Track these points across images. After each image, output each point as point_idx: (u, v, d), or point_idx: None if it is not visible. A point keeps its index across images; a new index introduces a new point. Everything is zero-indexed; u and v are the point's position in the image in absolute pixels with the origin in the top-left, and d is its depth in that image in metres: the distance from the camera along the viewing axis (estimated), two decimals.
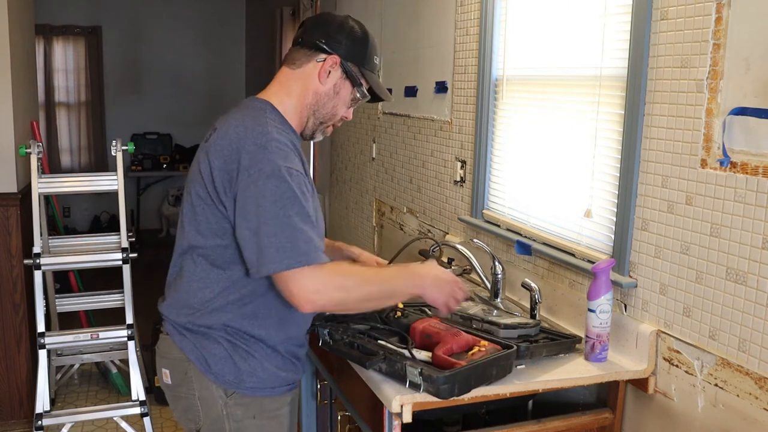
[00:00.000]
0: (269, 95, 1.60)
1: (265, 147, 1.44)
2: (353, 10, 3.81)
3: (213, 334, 1.56)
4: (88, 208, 7.01)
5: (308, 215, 1.43)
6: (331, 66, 1.58)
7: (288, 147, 1.48)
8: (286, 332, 1.61)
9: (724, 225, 1.53)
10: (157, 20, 7.02)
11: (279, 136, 1.48)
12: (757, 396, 1.47)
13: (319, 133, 1.64)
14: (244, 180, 1.43)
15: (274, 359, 1.60)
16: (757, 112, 1.43)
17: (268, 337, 1.58)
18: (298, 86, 1.59)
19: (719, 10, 1.51)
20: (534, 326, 1.78)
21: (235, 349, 1.56)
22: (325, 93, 1.59)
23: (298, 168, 1.46)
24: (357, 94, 1.61)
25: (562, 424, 1.78)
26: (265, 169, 1.42)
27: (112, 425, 3.25)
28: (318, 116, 1.61)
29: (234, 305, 1.55)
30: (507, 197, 2.40)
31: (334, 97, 1.60)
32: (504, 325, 1.72)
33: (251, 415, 1.59)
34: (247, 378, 1.57)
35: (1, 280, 3.20)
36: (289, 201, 1.41)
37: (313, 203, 1.51)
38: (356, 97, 1.62)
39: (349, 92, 1.61)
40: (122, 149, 3.14)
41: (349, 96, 1.62)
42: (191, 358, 1.57)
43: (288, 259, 1.39)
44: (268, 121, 1.51)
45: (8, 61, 3.13)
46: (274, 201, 1.40)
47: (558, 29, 2.10)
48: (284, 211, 1.40)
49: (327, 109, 1.61)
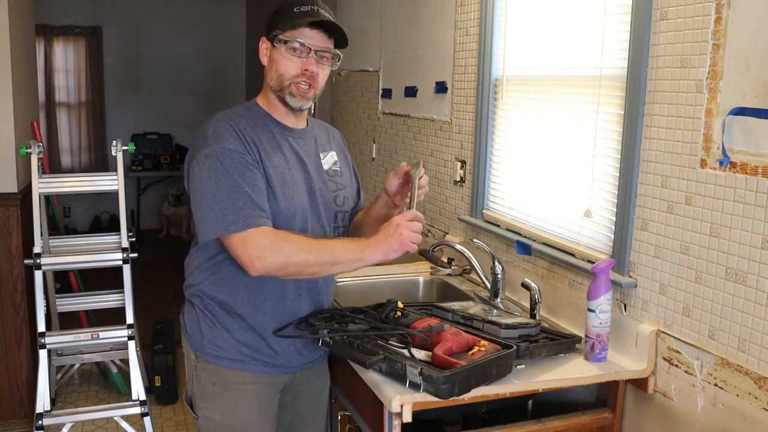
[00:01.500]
0: (259, 95, 1.77)
1: (206, 136, 1.62)
2: (353, 10, 3.81)
3: (192, 299, 1.76)
4: (89, 208, 7.01)
5: (240, 186, 1.57)
6: (263, 46, 1.72)
7: (226, 131, 1.62)
8: (253, 304, 1.69)
9: (723, 225, 1.54)
10: (157, 20, 7.02)
11: (222, 124, 1.64)
12: (757, 396, 1.47)
13: (288, 97, 1.69)
14: (192, 167, 1.65)
15: (237, 331, 1.71)
16: (757, 112, 1.43)
17: (234, 304, 1.70)
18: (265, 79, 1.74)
19: (719, 10, 1.51)
20: (535, 326, 1.78)
21: (204, 315, 1.73)
22: (267, 69, 1.72)
23: (232, 146, 1.60)
24: (284, 47, 1.66)
25: (561, 424, 1.78)
26: (201, 155, 1.61)
27: (112, 425, 3.25)
28: (273, 87, 1.71)
29: (206, 272, 1.71)
30: (507, 197, 2.40)
31: (272, 65, 1.69)
32: (505, 325, 1.72)
33: (212, 381, 1.73)
34: (208, 344, 1.72)
35: (2, 280, 3.20)
36: (222, 176, 1.57)
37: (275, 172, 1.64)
38: (292, 49, 1.65)
39: (281, 52, 1.67)
40: (122, 149, 3.13)
41: (283, 54, 1.67)
42: (180, 320, 1.81)
43: (219, 227, 1.56)
44: (225, 115, 1.68)
45: (8, 61, 3.13)
46: (208, 178, 1.59)
47: (558, 29, 2.10)
48: (218, 185, 1.57)
49: (273, 77, 1.69)
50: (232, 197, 1.56)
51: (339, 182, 1.83)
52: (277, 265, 1.56)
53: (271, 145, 1.68)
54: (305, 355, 1.79)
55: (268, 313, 1.71)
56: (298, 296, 1.74)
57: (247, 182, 1.58)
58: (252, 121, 1.70)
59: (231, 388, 1.73)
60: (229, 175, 1.57)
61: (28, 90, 3.64)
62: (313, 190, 1.73)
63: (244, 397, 1.73)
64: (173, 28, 7.06)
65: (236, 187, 1.57)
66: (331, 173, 1.81)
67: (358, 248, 1.60)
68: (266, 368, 1.74)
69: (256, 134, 1.67)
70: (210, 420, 1.75)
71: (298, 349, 1.77)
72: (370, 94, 3.61)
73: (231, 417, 1.73)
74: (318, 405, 1.92)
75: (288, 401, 1.85)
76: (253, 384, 1.74)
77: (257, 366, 1.73)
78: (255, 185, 1.59)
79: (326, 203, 1.77)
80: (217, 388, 1.73)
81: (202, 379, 1.74)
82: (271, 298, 1.71)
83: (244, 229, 1.55)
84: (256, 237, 1.55)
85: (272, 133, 1.71)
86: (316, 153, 1.79)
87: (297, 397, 1.85)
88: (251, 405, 1.74)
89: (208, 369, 1.73)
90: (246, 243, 1.55)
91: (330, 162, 1.82)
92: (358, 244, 1.61)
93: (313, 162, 1.77)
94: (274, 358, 1.74)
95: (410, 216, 1.61)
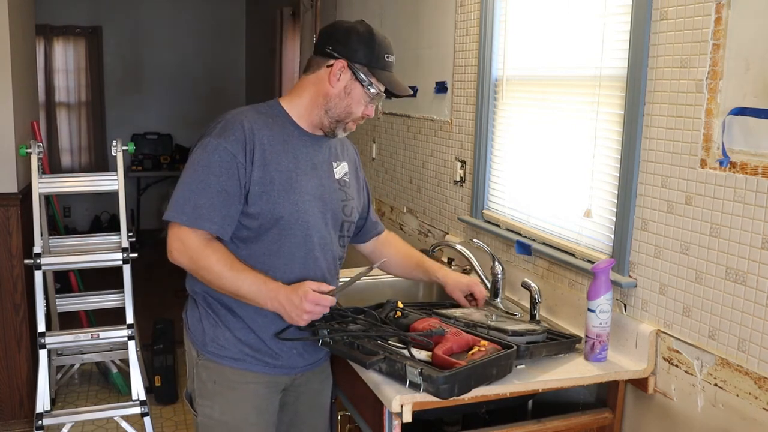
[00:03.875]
0: (283, 97, 1.77)
1: (216, 126, 1.65)
2: (353, 10, 3.81)
3: (195, 297, 1.77)
4: (89, 208, 7.01)
5: (209, 185, 1.61)
6: (340, 69, 1.67)
7: (233, 128, 1.63)
8: (254, 307, 1.68)
9: (723, 225, 1.54)
10: (157, 20, 7.02)
11: (235, 119, 1.66)
12: (757, 396, 1.47)
13: (340, 130, 1.73)
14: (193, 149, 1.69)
15: (239, 331, 1.72)
16: (757, 112, 1.43)
17: (234, 306, 1.70)
18: (311, 89, 1.72)
19: (719, 10, 1.51)
20: (542, 332, 1.77)
21: (207, 313, 1.74)
22: (336, 95, 1.69)
23: (227, 145, 1.61)
24: (370, 92, 1.68)
25: (561, 424, 1.78)
26: (202, 142, 1.65)
27: (112, 425, 3.25)
28: (332, 115, 1.70)
29: None
30: (507, 197, 2.40)
31: (345, 98, 1.69)
32: (512, 332, 1.71)
33: (212, 379, 1.74)
34: (210, 342, 1.73)
35: (2, 280, 3.20)
36: (201, 168, 1.62)
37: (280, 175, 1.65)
38: (371, 96, 1.69)
39: (361, 92, 1.68)
40: (122, 149, 3.14)
41: (363, 95, 1.69)
42: (183, 317, 1.83)
43: (174, 212, 1.62)
44: (243, 111, 1.69)
45: (8, 61, 3.13)
46: (192, 164, 1.64)
47: (558, 29, 2.10)
48: (195, 176, 1.62)
49: (340, 108, 1.69)
50: (199, 193, 1.61)
51: (348, 193, 1.84)
52: (187, 267, 1.66)
53: (284, 148, 1.69)
54: (306, 357, 1.79)
55: (269, 315, 1.70)
56: None
57: (219, 185, 1.61)
58: (271, 120, 1.70)
59: (231, 387, 1.73)
60: (207, 172, 1.61)
61: (28, 90, 3.64)
62: (323, 197, 1.74)
63: (244, 397, 1.74)
64: (173, 28, 7.06)
65: (207, 185, 1.61)
66: (342, 183, 1.82)
67: (263, 295, 1.61)
68: (267, 368, 1.74)
69: (272, 134, 1.68)
70: (209, 418, 1.75)
71: (299, 352, 1.77)
72: None
73: (230, 415, 1.73)
74: (319, 405, 1.92)
75: (289, 401, 1.85)
76: (253, 383, 1.74)
77: (258, 366, 1.73)
78: (225, 191, 1.62)
79: (334, 211, 1.78)
80: (218, 387, 1.73)
81: (203, 377, 1.75)
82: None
83: (189, 225, 1.61)
84: (190, 236, 1.61)
85: (289, 135, 1.71)
86: (329, 161, 1.80)
87: (298, 397, 1.86)
88: (251, 404, 1.74)
89: (209, 367, 1.74)
90: (178, 235, 1.62)
91: (341, 172, 1.83)
92: (265, 291, 1.61)
93: (325, 169, 1.77)
94: (276, 358, 1.74)
95: (321, 300, 1.59)
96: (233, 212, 1.64)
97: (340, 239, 1.82)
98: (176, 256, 1.64)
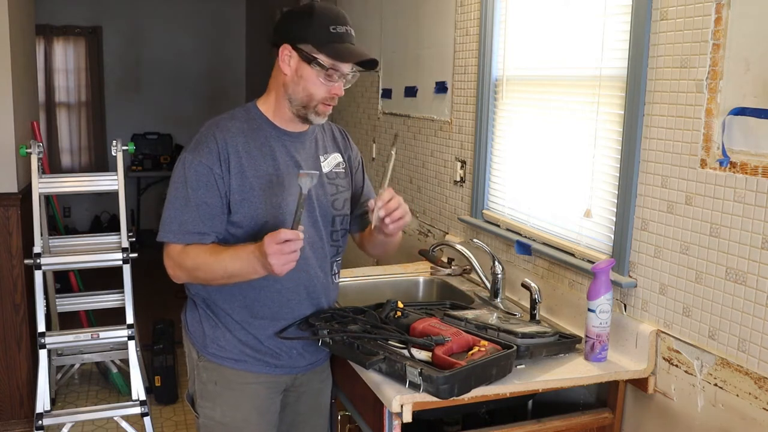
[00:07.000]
0: (260, 98, 1.76)
1: (192, 141, 1.68)
2: (353, 10, 3.81)
3: (195, 299, 1.78)
4: (89, 208, 7.01)
5: (189, 201, 1.63)
6: (287, 54, 1.64)
7: (206, 141, 1.65)
8: (250, 311, 1.71)
9: (723, 225, 1.54)
10: (157, 20, 7.01)
11: (207, 132, 1.67)
12: (757, 396, 1.47)
13: (312, 115, 1.69)
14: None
15: (239, 333, 1.72)
16: (757, 112, 1.43)
17: (231, 311, 1.72)
18: (273, 84, 1.72)
19: (719, 10, 1.51)
20: (553, 335, 1.77)
21: (206, 315, 1.75)
22: (290, 80, 1.66)
23: (201, 158, 1.63)
24: (318, 69, 1.62)
25: (561, 424, 1.78)
26: (179, 158, 1.68)
27: (112, 425, 3.25)
28: (295, 102, 1.68)
29: None
30: (507, 197, 2.40)
31: (300, 81, 1.65)
32: (522, 334, 1.70)
33: (213, 380, 1.74)
34: (210, 344, 1.74)
35: (2, 280, 3.20)
36: (181, 185, 1.64)
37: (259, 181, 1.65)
38: (324, 73, 1.63)
39: (311, 71, 1.63)
40: (122, 149, 3.14)
41: (315, 74, 1.63)
42: (182, 319, 1.83)
43: (163, 232, 1.66)
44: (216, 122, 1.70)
45: (8, 61, 3.13)
46: (173, 182, 1.67)
47: (558, 29, 2.10)
48: (177, 193, 1.65)
49: (299, 93, 1.66)
50: (182, 210, 1.64)
51: (340, 185, 1.81)
52: (181, 278, 1.68)
53: (262, 152, 1.68)
54: (307, 356, 1.79)
55: (266, 318, 1.71)
56: (298, 302, 1.74)
57: (199, 198, 1.63)
58: (246, 125, 1.69)
59: (232, 387, 1.73)
60: (185, 188, 1.64)
61: (28, 90, 3.64)
62: (309, 195, 1.70)
63: (245, 397, 1.74)
64: (173, 28, 7.05)
65: (188, 201, 1.64)
66: (332, 176, 1.79)
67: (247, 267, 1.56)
68: (269, 368, 1.74)
69: (246, 140, 1.67)
70: (210, 419, 1.75)
71: (300, 352, 1.77)
72: (370, 94, 3.61)
73: (231, 416, 1.73)
74: (319, 405, 1.92)
75: (290, 402, 1.85)
76: (254, 384, 1.74)
77: (259, 366, 1.73)
78: (206, 203, 1.63)
79: (323, 207, 1.76)
80: (219, 388, 1.74)
81: (204, 378, 1.75)
82: (269, 305, 1.71)
83: (178, 242, 1.65)
84: (172, 251, 1.65)
85: (267, 138, 1.70)
86: (316, 156, 1.77)
87: (299, 398, 1.86)
88: (252, 405, 1.75)
89: (209, 368, 1.74)
90: (168, 252, 1.66)
91: (332, 164, 1.80)
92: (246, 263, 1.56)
93: (311, 166, 1.74)
94: (277, 358, 1.75)
95: (281, 238, 1.49)
96: (217, 223, 1.66)
97: (333, 234, 1.79)
98: (171, 272, 1.67)
